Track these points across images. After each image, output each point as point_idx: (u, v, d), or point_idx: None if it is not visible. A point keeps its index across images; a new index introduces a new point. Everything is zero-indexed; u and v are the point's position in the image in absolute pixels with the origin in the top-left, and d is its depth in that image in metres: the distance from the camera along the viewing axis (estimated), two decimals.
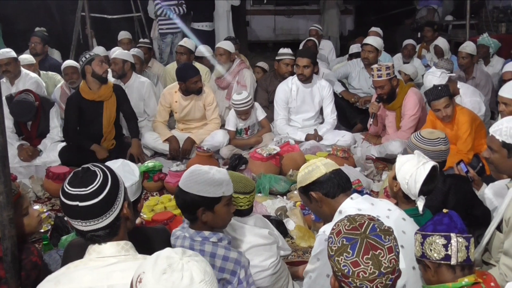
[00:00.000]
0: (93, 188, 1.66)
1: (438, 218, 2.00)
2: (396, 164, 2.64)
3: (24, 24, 9.05)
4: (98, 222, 1.67)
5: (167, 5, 8.20)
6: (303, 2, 12.33)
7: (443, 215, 2.00)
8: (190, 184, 2.24)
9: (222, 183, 2.26)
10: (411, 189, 2.54)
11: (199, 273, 1.41)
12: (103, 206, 1.67)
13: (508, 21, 9.30)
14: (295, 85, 5.65)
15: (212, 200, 2.24)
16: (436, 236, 1.94)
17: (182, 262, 1.42)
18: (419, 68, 7.16)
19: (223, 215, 2.30)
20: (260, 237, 2.69)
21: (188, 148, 5.38)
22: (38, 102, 5.14)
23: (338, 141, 5.40)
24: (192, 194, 2.23)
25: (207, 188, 2.22)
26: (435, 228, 1.96)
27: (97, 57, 5.02)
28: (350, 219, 1.68)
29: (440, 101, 4.32)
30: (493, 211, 3.04)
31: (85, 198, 1.65)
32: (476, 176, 3.43)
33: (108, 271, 1.65)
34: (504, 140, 2.58)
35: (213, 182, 2.23)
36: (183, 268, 1.41)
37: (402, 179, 2.57)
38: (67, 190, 1.67)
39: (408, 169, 2.57)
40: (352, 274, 1.57)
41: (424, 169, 2.53)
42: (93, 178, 1.68)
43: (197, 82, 5.40)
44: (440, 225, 1.96)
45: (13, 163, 4.88)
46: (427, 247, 1.96)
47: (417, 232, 2.03)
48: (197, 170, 2.28)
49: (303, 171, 2.45)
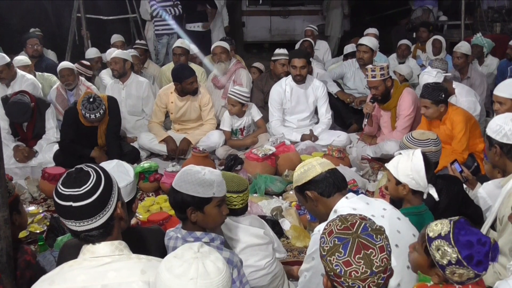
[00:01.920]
0: (86, 189, 1.66)
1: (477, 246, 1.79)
2: (391, 171, 2.68)
3: (19, 25, 9.02)
4: (92, 222, 1.68)
5: (162, 6, 8.19)
6: (299, 3, 12.34)
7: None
8: (181, 183, 2.25)
9: (213, 184, 2.24)
10: (419, 181, 2.59)
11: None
12: (97, 206, 1.68)
13: (502, 21, 9.33)
14: (289, 86, 5.65)
15: (201, 200, 2.24)
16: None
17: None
18: (414, 68, 7.18)
19: (213, 216, 2.29)
20: (256, 237, 2.70)
21: (184, 148, 5.39)
22: (34, 103, 5.14)
23: (333, 141, 5.41)
24: (182, 193, 2.24)
25: (197, 188, 2.22)
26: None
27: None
28: (341, 219, 1.69)
29: (423, 100, 4.43)
30: (487, 210, 3.06)
31: (78, 199, 1.65)
32: (470, 176, 3.45)
33: (102, 270, 1.66)
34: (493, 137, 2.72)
35: (203, 182, 2.23)
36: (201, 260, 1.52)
37: (406, 177, 2.61)
38: (61, 190, 1.67)
39: (404, 166, 2.62)
40: (344, 274, 1.58)
41: (417, 157, 2.60)
42: (87, 178, 1.68)
43: (192, 83, 5.41)
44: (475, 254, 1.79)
45: (9, 164, 4.89)
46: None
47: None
48: (189, 169, 2.29)
49: (299, 171, 2.47)
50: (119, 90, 5.96)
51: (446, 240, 1.79)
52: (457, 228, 1.80)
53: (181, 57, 6.36)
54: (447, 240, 1.79)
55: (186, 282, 1.46)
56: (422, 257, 1.87)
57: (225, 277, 1.51)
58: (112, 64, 5.92)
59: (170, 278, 1.48)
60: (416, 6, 10.98)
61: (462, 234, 1.79)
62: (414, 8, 11.00)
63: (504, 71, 6.75)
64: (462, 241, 1.77)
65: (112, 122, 5.06)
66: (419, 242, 1.90)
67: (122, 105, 5.90)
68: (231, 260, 2.22)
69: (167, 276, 1.49)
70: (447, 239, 1.79)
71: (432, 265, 1.84)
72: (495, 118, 2.90)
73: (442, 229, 1.82)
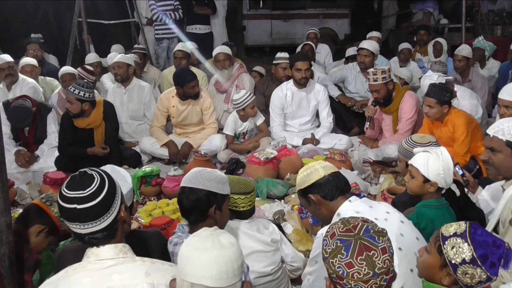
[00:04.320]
0: (90, 191, 1.69)
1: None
2: (420, 169, 2.69)
3: (20, 29, 9.05)
4: (96, 225, 1.69)
5: (163, 10, 8.20)
6: (299, 7, 12.36)
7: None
8: (203, 181, 2.28)
9: (227, 182, 2.36)
10: (448, 180, 2.66)
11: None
12: (101, 209, 1.70)
13: (503, 24, 9.34)
14: (290, 90, 5.66)
15: (222, 198, 2.33)
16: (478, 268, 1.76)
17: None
18: (415, 71, 7.18)
19: (226, 215, 2.39)
20: (261, 244, 2.70)
21: (185, 152, 5.39)
22: (35, 107, 5.14)
23: (335, 144, 5.41)
24: (206, 190, 2.28)
25: (218, 185, 2.29)
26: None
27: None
28: (344, 222, 1.69)
29: (428, 99, 4.42)
30: (490, 213, 3.05)
31: (83, 201, 1.67)
32: (472, 179, 3.45)
33: (107, 273, 1.66)
34: (508, 139, 2.61)
35: (222, 179, 2.32)
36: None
37: (437, 176, 2.65)
38: (65, 193, 1.69)
39: (435, 165, 2.66)
40: (347, 276, 1.58)
41: (446, 156, 2.65)
42: (91, 181, 1.71)
43: (194, 87, 5.41)
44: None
45: (11, 169, 4.88)
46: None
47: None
48: (204, 169, 2.35)
49: (302, 174, 2.47)
50: (121, 95, 5.96)
51: (462, 237, 1.77)
52: (473, 228, 1.79)
53: (182, 60, 6.37)
54: (463, 238, 1.77)
55: (202, 252, 1.57)
56: (434, 257, 1.84)
57: (237, 251, 1.61)
58: (116, 68, 5.90)
59: (189, 250, 1.59)
60: (416, 9, 11.00)
61: (479, 234, 1.77)
62: (414, 12, 11.02)
63: (505, 74, 6.76)
64: (478, 240, 1.75)
65: (109, 127, 5.05)
66: (432, 242, 1.88)
67: (124, 110, 5.91)
68: None
69: (186, 249, 1.60)
70: (463, 237, 1.77)
71: (444, 265, 1.81)
72: (504, 123, 2.70)
73: (457, 229, 1.81)
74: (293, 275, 3.02)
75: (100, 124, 4.98)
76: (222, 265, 1.55)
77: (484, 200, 3.24)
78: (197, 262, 1.56)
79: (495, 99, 5.09)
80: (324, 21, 12.11)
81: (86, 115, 4.88)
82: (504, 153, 2.66)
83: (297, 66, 5.55)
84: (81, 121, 4.90)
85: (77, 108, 4.79)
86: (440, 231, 1.85)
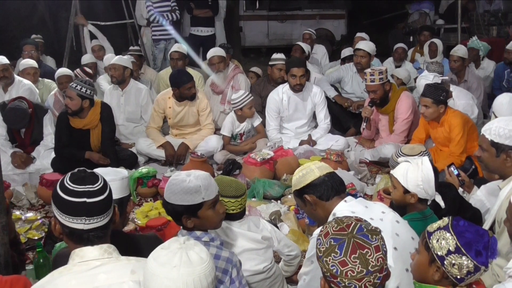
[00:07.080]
0: (99, 185, 1.74)
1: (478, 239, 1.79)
2: (399, 180, 2.68)
3: (17, 31, 9.04)
4: (99, 220, 1.73)
5: (160, 11, 8.19)
6: (296, 7, 12.37)
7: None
8: (169, 194, 2.26)
9: (199, 190, 2.22)
10: (428, 191, 2.61)
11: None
12: (107, 203, 1.75)
13: (499, 24, 9.37)
14: (286, 94, 5.61)
15: (192, 207, 2.24)
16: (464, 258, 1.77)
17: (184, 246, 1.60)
18: (411, 72, 7.20)
19: (209, 218, 2.29)
20: (253, 242, 2.70)
21: (182, 153, 5.38)
22: (32, 109, 5.13)
23: (331, 145, 5.41)
24: (172, 204, 2.25)
25: (184, 197, 2.21)
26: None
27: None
28: (337, 221, 1.70)
29: (424, 99, 4.44)
30: (486, 212, 3.06)
31: (93, 194, 1.71)
32: (467, 179, 3.46)
33: (93, 274, 1.67)
34: (492, 139, 2.64)
35: (189, 190, 2.21)
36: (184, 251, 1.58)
37: (416, 187, 2.62)
38: (72, 188, 1.72)
39: (414, 176, 2.63)
40: (341, 274, 1.59)
41: (426, 167, 2.60)
42: (96, 177, 1.77)
43: (190, 88, 5.41)
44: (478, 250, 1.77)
45: (7, 170, 4.86)
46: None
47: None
48: (174, 179, 2.27)
49: (298, 174, 2.47)
50: (118, 97, 5.94)
51: (445, 229, 1.81)
52: (456, 220, 1.83)
53: (178, 61, 6.36)
54: (445, 229, 1.80)
55: (169, 269, 1.53)
56: (423, 254, 1.86)
57: (208, 267, 1.57)
58: (112, 70, 5.84)
59: (155, 266, 1.56)
60: (412, 10, 11.02)
61: (461, 225, 1.80)
62: (410, 12, 11.04)
63: (501, 74, 6.79)
64: (461, 230, 1.78)
65: (106, 128, 5.03)
66: (420, 242, 1.91)
67: (121, 112, 5.90)
68: (231, 260, 2.22)
69: (153, 264, 1.57)
70: (445, 228, 1.81)
71: (432, 260, 1.82)
72: (494, 122, 2.74)
73: (441, 224, 1.84)
74: (291, 265, 3.03)
75: (96, 125, 4.97)
76: (190, 284, 1.52)
77: (479, 200, 3.25)
78: (164, 282, 1.52)
79: (490, 99, 5.11)
80: (320, 22, 12.13)
81: (83, 115, 4.87)
82: (489, 152, 2.69)
83: (292, 72, 5.46)
84: (77, 122, 4.90)
85: (77, 104, 4.77)
86: (426, 230, 1.88)
